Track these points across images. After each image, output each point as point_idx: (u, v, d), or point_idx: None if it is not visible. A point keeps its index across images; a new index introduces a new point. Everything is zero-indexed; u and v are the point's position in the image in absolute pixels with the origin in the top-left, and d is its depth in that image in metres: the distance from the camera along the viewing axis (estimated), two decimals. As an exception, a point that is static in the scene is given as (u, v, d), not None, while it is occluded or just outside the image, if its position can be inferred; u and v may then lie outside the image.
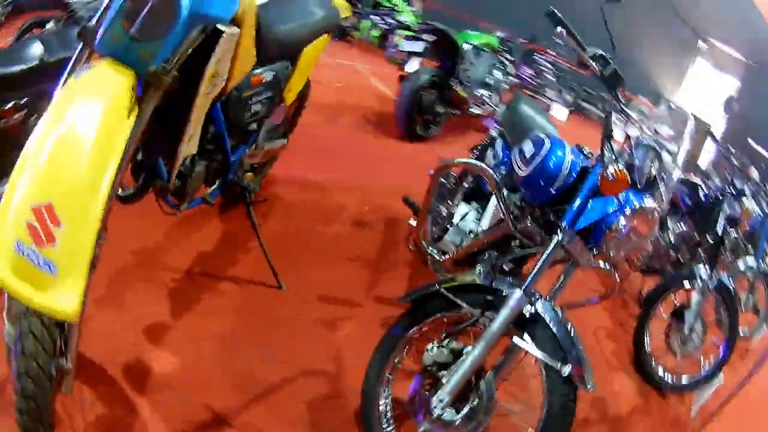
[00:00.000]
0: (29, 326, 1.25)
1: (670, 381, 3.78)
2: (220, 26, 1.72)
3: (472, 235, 2.81)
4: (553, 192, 2.30)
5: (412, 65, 5.96)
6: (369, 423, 2.23)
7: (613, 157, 2.13)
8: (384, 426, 2.21)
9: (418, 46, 5.90)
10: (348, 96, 6.79)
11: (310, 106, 3.73)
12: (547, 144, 2.33)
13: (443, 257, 2.85)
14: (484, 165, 2.67)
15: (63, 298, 1.16)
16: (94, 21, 1.44)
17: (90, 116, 1.26)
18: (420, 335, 2.26)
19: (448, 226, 2.96)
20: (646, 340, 3.81)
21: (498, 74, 6.91)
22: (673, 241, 4.34)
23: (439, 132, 6.28)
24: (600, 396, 2.97)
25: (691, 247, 4.25)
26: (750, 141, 5.04)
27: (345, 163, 4.87)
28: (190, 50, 1.57)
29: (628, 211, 2.11)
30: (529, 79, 10.99)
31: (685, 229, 4.38)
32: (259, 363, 2.46)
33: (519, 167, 2.42)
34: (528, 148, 2.45)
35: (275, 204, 3.73)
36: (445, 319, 2.23)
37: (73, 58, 1.47)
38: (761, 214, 4.51)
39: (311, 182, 4.17)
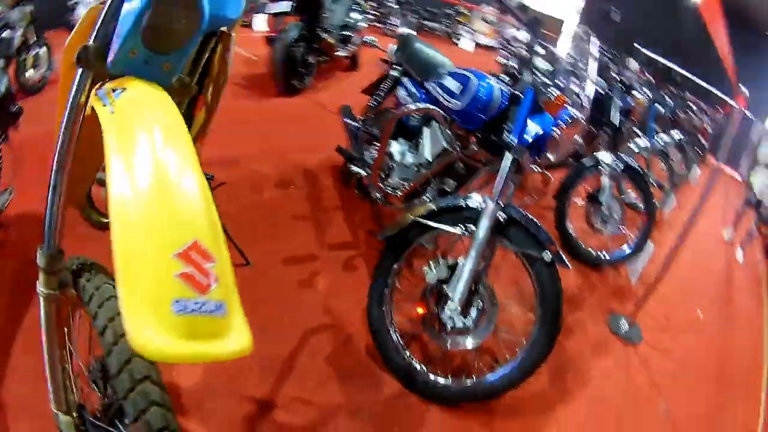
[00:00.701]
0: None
1: (603, 257, 4.34)
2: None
3: (416, 169, 3.09)
4: (486, 118, 2.64)
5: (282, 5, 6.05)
6: (388, 356, 2.49)
7: (547, 83, 2.49)
8: (402, 353, 2.48)
9: (285, 6, 6.00)
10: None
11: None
12: (473, 78, 2.65)
13: (397, 193, 3.13)
14: (432, 106, 2.91)
15: (236, 336, 0.98)
16: (91, 42, 1.27)
17: (164, 142, 1.09)
18: (405, 265, 2.55)
19: (392, 165, 3.22)
20: (570, 226, 4.31)
21: (355, 15, 7.37)
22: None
23: (312, 80, 6.58)
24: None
25: (589, 140, 4.74)
26: (636, 45, 5.66)
27: (246, 133, 4.91)
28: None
29: (561, 123, 2.49)
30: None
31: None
32: (271, 342, 2.58)
33: (450, 101, 2.73)
34: (451, 83, 2.77)
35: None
36: (423, 244, 2.53)
37: (75, 86, 1.26)
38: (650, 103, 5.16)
39: (228, 159, 4.24)
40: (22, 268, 2.49)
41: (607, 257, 4.35)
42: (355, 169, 3.38)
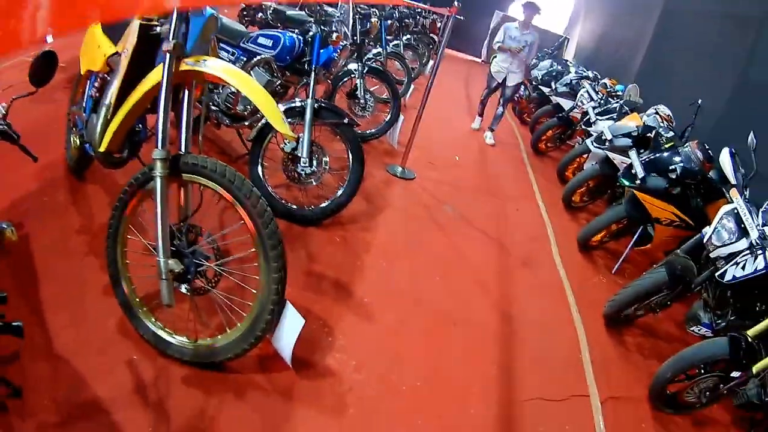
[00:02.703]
0: None
1: (369, 133, 6.36)
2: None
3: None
4: (291, 57, 4.41)
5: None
6: (268, 201, 3.91)
7: (328, 29, 4.34)
8: (277, 198, 4.10)
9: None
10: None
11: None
12: (280, 34, 4.34)
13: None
14: (264, 54, 4.39)
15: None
16: (173, 40, 2.27)
17: (240, 72, 2.46)
18: (264, 150, 4.15)
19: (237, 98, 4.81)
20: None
21: None
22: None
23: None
24: (337, 158, 4.44)
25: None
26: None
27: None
28: None
29: (338, 51, 4.41)
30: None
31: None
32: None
33: (267, 51, 4.44)
34: (265, 41, 4.45)
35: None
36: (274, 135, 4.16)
37: (167, 66, 2.26)
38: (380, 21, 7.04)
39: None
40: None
41: (373, 132, 6.40)
42: (211, 107, 4.64)
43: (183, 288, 2.47)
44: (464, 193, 6.01)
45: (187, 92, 2.52)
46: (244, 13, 9.89)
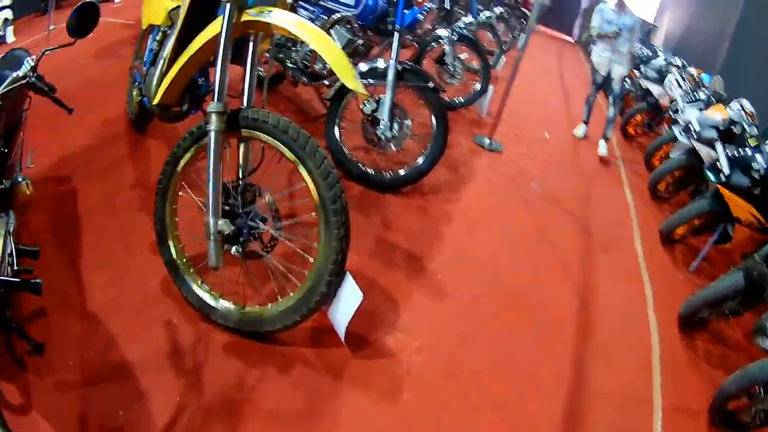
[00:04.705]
0: None
1: (458, 101, 6.08)
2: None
3: None
4: (374, 16, 4.21)
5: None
6: (346, 168, 3.87)
7: None
8: (354, 161, 3.91)
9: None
10: (103, 39, 6.03)
11: (84, 61, 4.46)
12: None
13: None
14: (346, 13, 4.27)
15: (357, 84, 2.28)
16: None
17: (310, 25, 2.31)
18: (342, 111, 3.94)
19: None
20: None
21: None
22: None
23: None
24: (421, 122, 4.08)
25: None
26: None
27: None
28: None
29: (424, 11, 4.13)
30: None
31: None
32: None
33: (349, 9, 4.25)
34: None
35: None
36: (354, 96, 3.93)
37: (228, 15, 2.16)
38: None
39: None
40: (50, 208, 2.91)
41: (461, 100, 6.11)
42: (289, 65, 4.49)
43: (234, 250, 2.31)
44: (552, 170, 5.67)
45: (251, 45, 2.38)
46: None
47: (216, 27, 2.26)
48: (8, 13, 7.33)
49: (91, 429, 1.90)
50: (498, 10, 8.81)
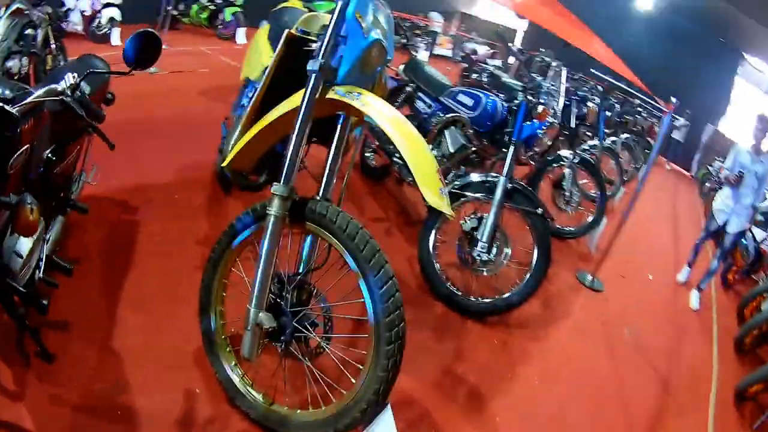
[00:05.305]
0: None
1: (567, 231, 5.63)
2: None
3: (438, 158, 4.16)
4: (492, 124, 3.88)
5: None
6: (434, 284, 3.60)
7: (536, 100, 3.74)
8: (443, 278, 3.60)
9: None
10: (215, 77, 7.00)
11: (192, 95, 4.59)
12: (483, 96, 3.91)
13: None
14: (461, 115, 4.06)
15: (450, 207, 2.01)
16: (321, 60, 1.98)
17: (401, 119, 2.06)
18: (444, 222, 3.65)
19: None
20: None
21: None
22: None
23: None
24: (521, 250, 3.85)
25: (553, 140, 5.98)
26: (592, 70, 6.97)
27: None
28: None
29: (544, 128, 3.76)
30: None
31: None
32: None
33: (466, 112, 3.94)
34: (466, 99, 4.00)
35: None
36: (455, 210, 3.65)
37: (312, 85, 1.97)
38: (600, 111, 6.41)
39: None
40: (107, 232, 2.95)
41: (571, 230, 5.65)
42: (396, 160, 4.42)
43: (276, 344, 2.13)
44: (647, 316, 5.11)
45: (339, 128, 2.19)
46: (465, 73, 9.58)
47: (298, 98, 2.06)
48: (116, 13, 7.56)
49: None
50: (624, 136, 8.36)
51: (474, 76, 8.96)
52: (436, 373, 3.00)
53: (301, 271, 2.15)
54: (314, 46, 2.17)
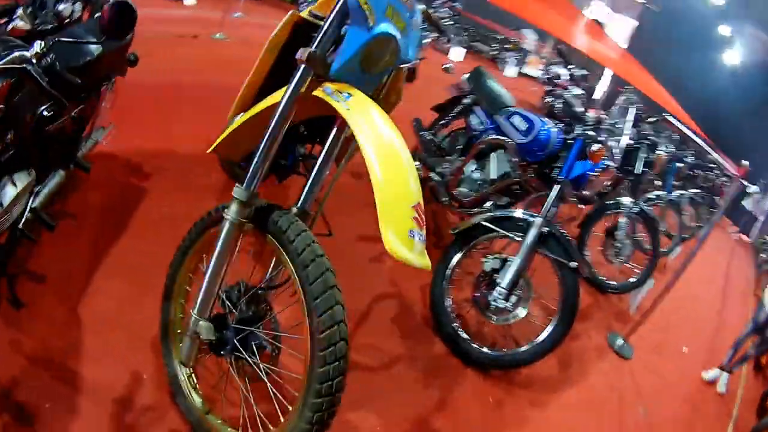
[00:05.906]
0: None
1: (610, 285, 5.13)
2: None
3: (480, 183, 3.84)
4: (543, 155, 3.45)
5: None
6: (440, 322, 3.24)
7: (594, 136, 3.29)
8: (452, 322, 3.23)
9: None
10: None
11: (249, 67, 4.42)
12: (538, 122, 3.48)
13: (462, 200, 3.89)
14: (506, 138, 3.69)
15: (425, 258, 1.62)
16: (315, 48, 1.70)
17: (389, 134, 1.68)
18: (467, 255, 3.31)
19: (462, 177, 3.95)
20: (587, 253, 5.07)
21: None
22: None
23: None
24: (543, 303, 3.62)
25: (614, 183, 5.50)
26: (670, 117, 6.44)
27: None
28: None
29: (598, 169, 3.30)
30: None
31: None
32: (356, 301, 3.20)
33: (517, 138, 3.54)
34: (519, 122, 3.60)
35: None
36: (482, 243, 3.30)
37: (299, 77, 1.70)
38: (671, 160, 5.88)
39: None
40: (109, 198, 2.88)
41: (614, 285, 5.15)
42: (433, 176, 4.10)
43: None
44: (670, 394, 4.58)
45: (334, 131, 1.89)
46: (545, 96, 9.10)
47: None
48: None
49: (11, 399, 1.87)
50: (692, 191, 7.76)
51: (548, 99, 8.47)
52: (407, 421, 2.67)
53: (263, 285, 1.89)
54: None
